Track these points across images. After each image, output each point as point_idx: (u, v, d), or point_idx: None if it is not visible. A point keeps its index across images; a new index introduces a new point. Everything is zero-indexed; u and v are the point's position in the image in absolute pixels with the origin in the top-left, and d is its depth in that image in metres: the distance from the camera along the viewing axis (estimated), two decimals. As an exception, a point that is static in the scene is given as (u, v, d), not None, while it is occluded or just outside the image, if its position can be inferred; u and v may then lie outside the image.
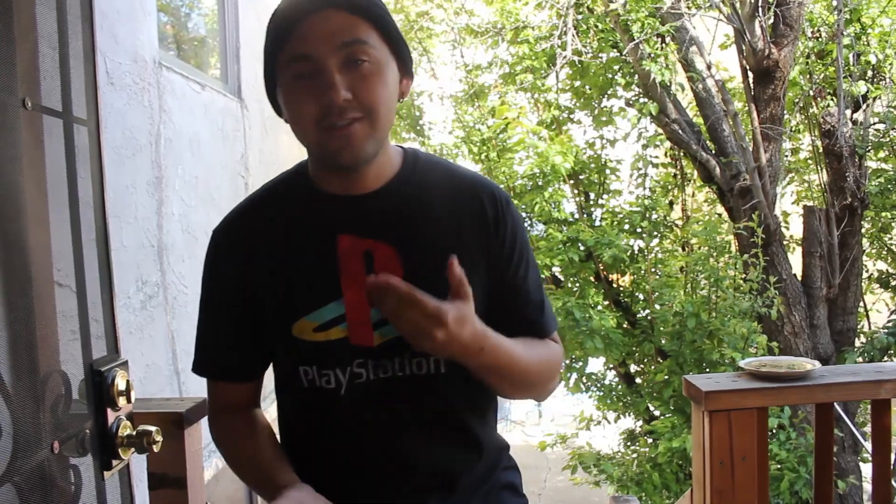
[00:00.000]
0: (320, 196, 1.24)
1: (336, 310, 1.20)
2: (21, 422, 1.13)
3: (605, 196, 7.73)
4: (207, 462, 3.11)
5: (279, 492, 1.14)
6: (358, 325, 1.19)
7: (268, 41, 1.19)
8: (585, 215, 7.59)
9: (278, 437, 1.36)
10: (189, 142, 3.23)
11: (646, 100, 6.58)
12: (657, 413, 6.65)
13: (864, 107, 6.49)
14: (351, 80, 1.11)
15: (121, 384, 1.35)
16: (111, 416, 1.34)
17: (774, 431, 5.47)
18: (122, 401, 1.35)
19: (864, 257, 7.17)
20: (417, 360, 1.21)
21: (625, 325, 6.97)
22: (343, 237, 1.20)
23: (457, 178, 1.29)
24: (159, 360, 2.81)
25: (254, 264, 1.25)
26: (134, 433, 1.38)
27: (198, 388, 3.09)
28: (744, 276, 6.04)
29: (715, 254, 6.38)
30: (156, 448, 1.38)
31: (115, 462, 1.35)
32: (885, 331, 6.11)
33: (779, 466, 5.25)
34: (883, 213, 7.33)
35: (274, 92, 1.22)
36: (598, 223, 7.35)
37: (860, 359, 5.94)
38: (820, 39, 6.54)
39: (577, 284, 7.11)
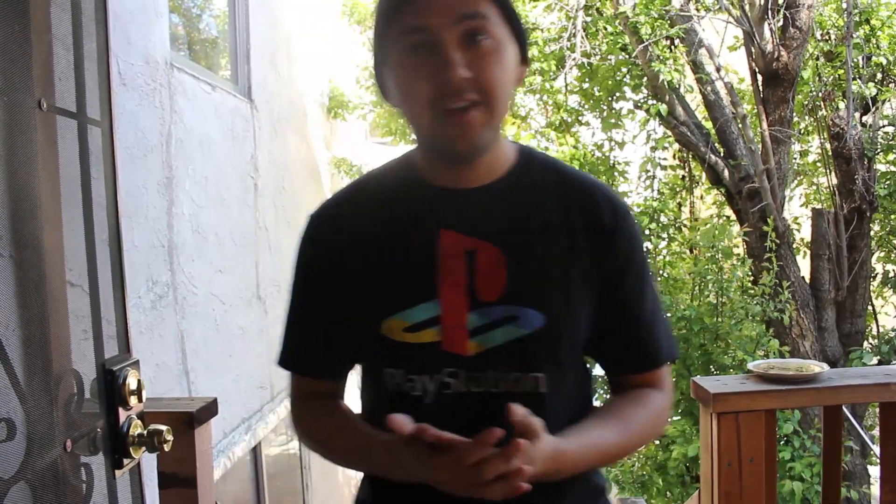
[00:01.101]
0: (425, 187, 1.14)
1: (430, 310, 1.09)
2: (35, 420, 1.14)
3: (613, 198, 7.70)
4: (216, 462, 3.12)
5: (386, 444, 1.03)
6: (453, 330, 1.09)
7: (378, 16, 1.08)
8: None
9: None
10: (199, 142, 3.24)
11: (654, 102, 6.57)
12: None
13: (873, 109, 6.47)
14: (469, 57, 1.01)
15: (132, 383, 1.36)
16: (123, 415, 1.35)
17: (788, 438, 5.45)
18: (133, 400, 1.36)
19: (873, 260, 7.15)
20: (515, 376, 1.10)
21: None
22: (446, 233, 1.10)
23: (573, 181, 1.17)
24: (169, 359, 2.82)
25: (346, 254, 1.16)
26: (145, 432, 1.39)
27: (207, 388, 3.12)
28: (752, 278, 6.03)
29: (721, 257, 6.36)
30: (166, 447, 1.39)
31: (126, 461, 1.35)
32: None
33: (790, 473, 5.23)
34: (892, 216, 7.31)
35: (381, 74, 1.12)
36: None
37: (876, 359, 5.93)
38: (829, 41, 6.53)
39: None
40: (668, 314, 6.46)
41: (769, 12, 5.64)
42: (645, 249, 1.22)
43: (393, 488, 1.11)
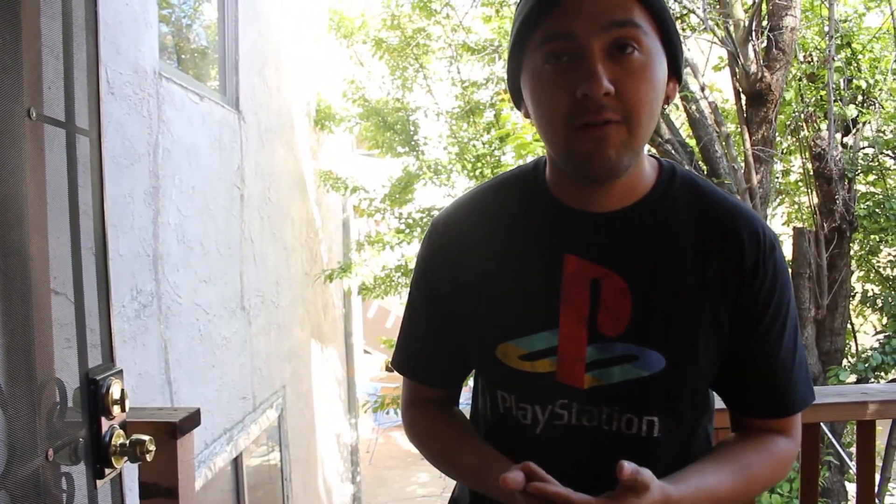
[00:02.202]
0: (554, 206, 1.07)
1: (549, 340, 1.04)
2: (17, 429, 1.13)
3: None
4: (197, 472, 3.10)
5: (498, 470, 0.96)
6: (570, 363, 1.04)
7: (519, 17, 0.99)
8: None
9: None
10: (186, 152, 3.24)
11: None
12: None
13: (854, 131, 6.57)
14: (615, 71, 0.93)
15: (115, 393, 1.36)
16: (105, 424, 1.34)
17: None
18: (116, 410, 1.36)
19: (853, 279, 7.22)
20: (628, 418, 1.05)
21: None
22: (571, 258, 1.03)
23: (717, 206, 1.06)
24: (152, 369, 2.81)
25: (467, 266, 1.11)
26: (127, 442, 1.38)
27: (189, 398, 3.10)
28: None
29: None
30: (149, 457, 1.39)
31: (107, 470, 1.35)
32: (877, 350, 6.16)
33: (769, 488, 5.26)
34: (871, 236, 7.40)
35: (517, 83, 1.04)
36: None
37: (853, 376, 5.98)
38: (812, 64, 6.62)
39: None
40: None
41: (753, 34, 5.72)
42: (791, 287, 1.10)
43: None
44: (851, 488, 5.92)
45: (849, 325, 6.91)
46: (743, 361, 1.07)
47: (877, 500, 2.25)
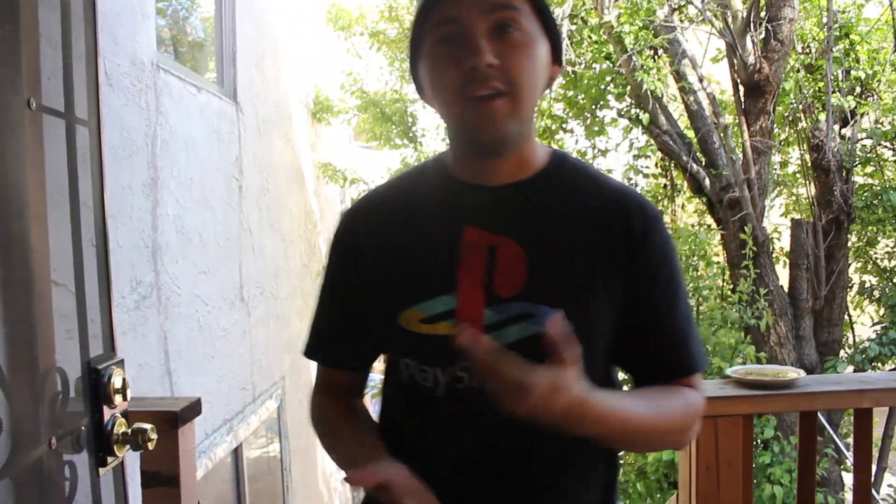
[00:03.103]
0: (453, 183, 1.16)
1: (448, 303, 1.10)
2: (20, 418, 1.14)
3: (595, 205, 7.74)
4: (198, 462, 3.12)
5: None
6: (468, 325, 1.08)
7: (415, 14, 1.10)
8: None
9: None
10: (185, 144, 3.24)
11: (638, 111, 6.63)
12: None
13: (852, 122, 6.57)
14: (498, 48, 1.03)
15: (117, 382, 1.37)
16: (107, 413, 1.35)
17: (767, 443, 5.50)
18: (118, 399, 1.37)
19: (850, 270, 7.24)
20: None
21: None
22: (469, 228, 1.10)
23: (604, 186, 1.16)
24: (151, 359, 2.82)
25: (373, 248, 1.18)
26: (129, 431, 1.39)
27: (189, 388, 3.11)
28: (731, 286, 6.09)
29: (702, 265, 6.42)
30: (150, 446, 1.40)
31: (110, 459, 1.36)
32: (875, 341, 6.18)
33: (770, 478, 5.28)
34: (869, 227, 7.41)
35: (417, 69, 1.14)
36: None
37: (850, 367, 6.01)
38: (810, 55, 6.62)
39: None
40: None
41: (751, 25, 5.72)
42: (677, 258, 1.19)
43: None
44: (848, 478, 5.95)
45: (846, 317, 6.93)
46: (641, 328, 1.13)
47: (873, 490, 2.26)
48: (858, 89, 6.68)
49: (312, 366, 1.33)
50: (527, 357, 1.02)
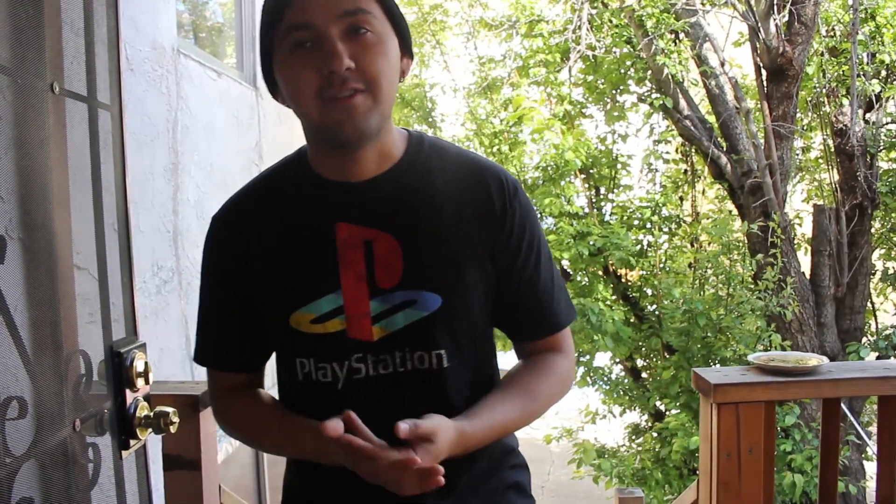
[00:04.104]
0: (318, 182, 1.19)
1: (334, 301, 1.15)
2: (45, 400, 1.15)
3: (615, 191, 7.73)
4: (218, 446, 3.14)
5: (313, 432, 1.07)
6: (357, 318, 1.15)
7: (264, 14, 1.13)
8: (596, 210, 7.60)
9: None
10: (205, 129, 3.25)
11: (658, 95, 6.57)
12: (663, 408, 6.66)
13: (877, 106, 6.47)
14: (353, 49, 1.07)
15: (139, 366, 1.38)
16: (129, 396, 1.36)
17: (788, 430, 5.47)
18: (140, 382, 1.38)
19: (873, 257, 7.16)
20: (419, 355, 1.17)
21: (632, 320, 6.98)
22: (341, 225, 1.15)
23: (463, 163, 1.23)
24: (172, 343, 2.84)
25: (250, 253, 1.20)
26: (151, 414, 1.40)
27: (209, 373, 3.12)
28: (753, 273, 6.04)
29: (726, 251, 6.38)
30: (172, 429, 1.41)
31: (132, 442, 1.37)
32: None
33: (791, 465, 5.26)
34: (893, 214, 7.31)
35: (270, 69, 1.16)
36: (608, 218, 7.36)
37: (873, 354, 5.95)
38: (834, 38, 6.52)
39: (586, 278, 7.12)
40: (671, 307, 6.48)
41: (775, 7, 5.64)
42: (538, 224, 1.27)
43: (320, 473, 1.20)
44: (869, 467, 5.91)
45: (869, 304, 6.85)
46: (510, 293, 1.22)
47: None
48: (884, 73, 6.58)
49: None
50: (416, 340, 1.16)
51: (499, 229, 1.19)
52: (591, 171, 7.49)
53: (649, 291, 7.32)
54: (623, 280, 7.43)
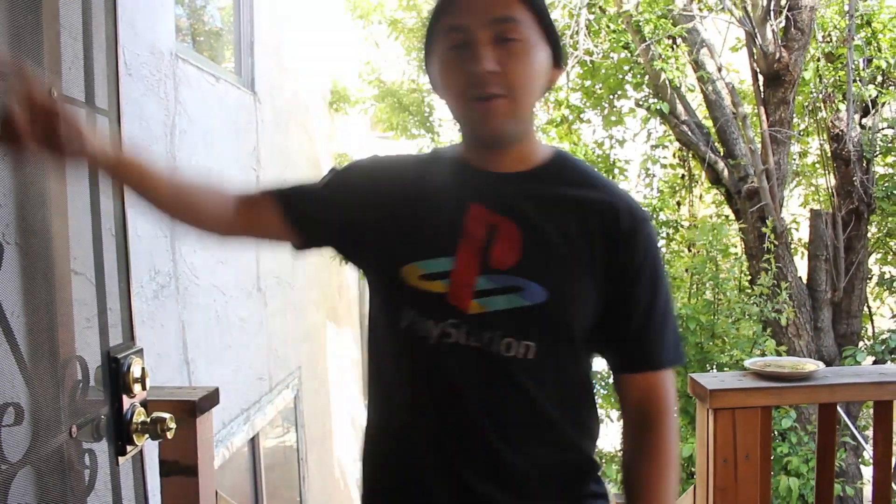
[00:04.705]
0: (464, 167, 1.26)
1: (445, 265, 1.19)
2: (41, 406, 1.15)
3: (612, 196, 7.71)
4: (215, 452, 3.14)
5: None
6: (459, 286, 1.18)
7: (429, 16, 1.23)
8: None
9: (367, 379, 1.35)
10: (203, 133, 3.25)
11: (656, 100, 6.58)
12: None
13: (872, 112, 6.48)
14: (499, 55, 1.13)
15: (136, 371, 1.38)
16: (126, 402, 1.36)
17: (785, 434, 5.47)
18: (137, 388, 1.38)
19: (870, 261, 7.17)
20: (508, 341, 1.18)
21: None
22: (474, 206, 1.21)
23: (599, 184, 1.27)
24: (170, 349, 2.83)
25: (389, 194, 1.26)
26: (148, 420, 1.40)
27: (206, 378, 3.13)
28: (749, 277, 6.04)
29: (719, 257, 6.38)
30: (169, 435, 1.41)
31: (129, 448, 1.37)
32: (895, 332, 6.12)
33: (787, 469, 5.26)
34: (889, 218, 7.33)
35: (430, 68, 1.26)
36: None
37: (870, 358, 5.96)
38: (831, 43, 6.54)
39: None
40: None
41: (771, 13, 5.65)
42: (660, 255, 1.29)
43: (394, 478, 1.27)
44: (866, 471, 5.91)
45: (865, 308, 6.86)
46: (619, 319, 1.23)
47: (894, 483, 2.25)
48: (880, 78, 6.59)
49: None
50: (510, 326, 1.18)
51: (621, 253, 1.21)
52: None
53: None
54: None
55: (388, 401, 1.29)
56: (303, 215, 1.30)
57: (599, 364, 1.37)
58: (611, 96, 7.39)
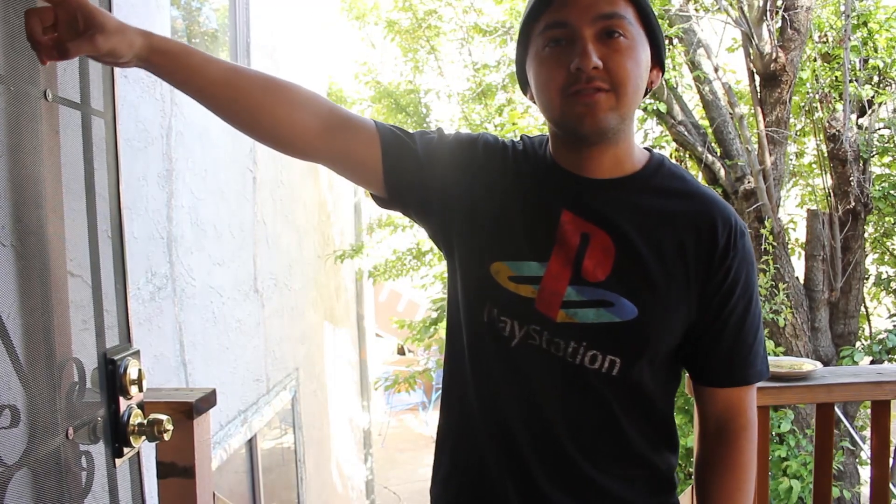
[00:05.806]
0: (555, 168, 1.23)
1: (537, 270, 1.18)
2: (38, 408, 1.15)
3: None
4: (212, 453, 3.13)
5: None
6: (548, 295, 1.17)
7: (525, 14, 1.19)
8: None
9: (446, 375, 1.33)
10: (199, 135, 3.25)
11: (652, 101, 6.59)
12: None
13: (869, 112, 6.49)
14: (604, 51, 1.11)
15: (133, 373, 1.37)
16: (123, 404, 1.36)
17: (783, 436, 5.47)
18: (133, 389, 1.37)
19: (867, 262, 7.18)
20: (592, 354, 1.17)
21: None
22: (567, 213, 1.19)
23: (697, 194, 1.23)
24: (167, 351, 2.83)
25: (502, 182, 1.24)
26: (145, 422, 1.40)
27: (204, 380, 3.12)
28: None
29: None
30: (166, 437, 1.40)
31: (126, 450, 1.37)
32: (892, 332, 6.13)
33: (786, 471, 5.26)
34: (886, 218, 7.34)
35: (523, 68, 1.22)
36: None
37: (867, 358, 5.96)
38: (827, 43, 6.55)
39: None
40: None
41: (768, 14, 5.66)
42: (756, 270, 1.26)
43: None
44: (863, 472, 5.92)
45: (863, 308, 6.87)
46: (711, 333, 1.21)
47: (891, 483, 2.25)
48: (876, 78, 6.60)
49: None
50: (597, 340, 1.16)
51: (717, 267, 1.19)
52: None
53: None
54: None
55: (464, 397, 1.27)
56: (398, 177, 1.25)
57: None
58: (607, 97, 7.39)
